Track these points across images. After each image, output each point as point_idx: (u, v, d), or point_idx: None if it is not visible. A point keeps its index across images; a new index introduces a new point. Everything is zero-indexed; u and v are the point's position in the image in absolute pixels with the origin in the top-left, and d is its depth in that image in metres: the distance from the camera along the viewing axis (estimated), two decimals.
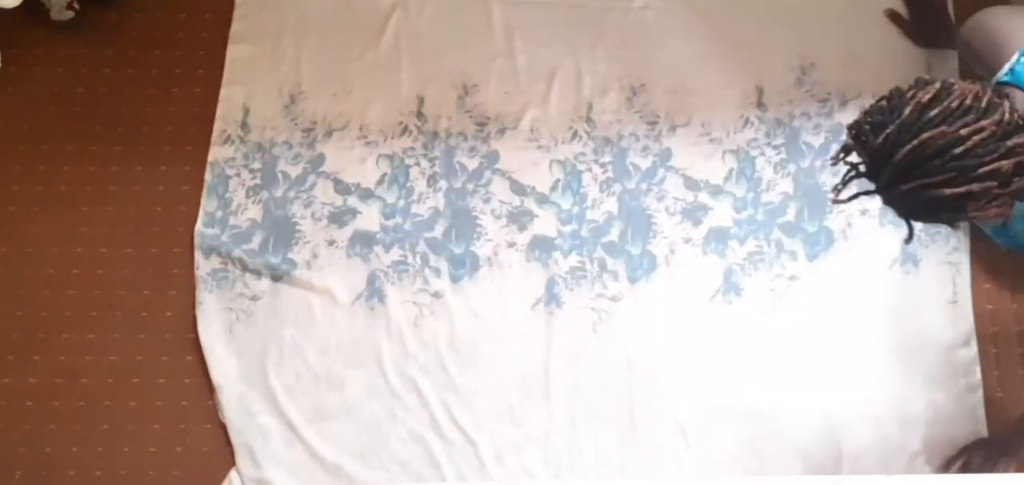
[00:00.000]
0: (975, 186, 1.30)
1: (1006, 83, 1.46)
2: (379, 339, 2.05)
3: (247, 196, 2.19)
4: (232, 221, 2.16)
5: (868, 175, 1.38)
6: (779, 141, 2.15)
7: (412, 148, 2.21)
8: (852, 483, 1.83)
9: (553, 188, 2.16)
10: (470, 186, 2.17)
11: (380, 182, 2.19)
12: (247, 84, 2.29)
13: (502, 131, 2.21)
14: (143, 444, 2.01)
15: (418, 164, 2.20)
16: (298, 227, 2.16)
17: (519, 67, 2.27)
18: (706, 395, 1.98)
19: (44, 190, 2.22)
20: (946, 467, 1.90)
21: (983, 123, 1.31)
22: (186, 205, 2.18)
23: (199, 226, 2.15)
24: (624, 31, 2.27)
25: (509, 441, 1.98)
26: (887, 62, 2.20)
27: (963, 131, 1.29)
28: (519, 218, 2.14)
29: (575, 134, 2.20)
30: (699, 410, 1.97)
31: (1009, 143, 1.31)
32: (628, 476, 1.94)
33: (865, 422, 1.94)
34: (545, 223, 2.13)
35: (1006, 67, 1.45)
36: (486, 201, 2.15)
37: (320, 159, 2.21)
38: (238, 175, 2.21)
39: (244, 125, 2.25)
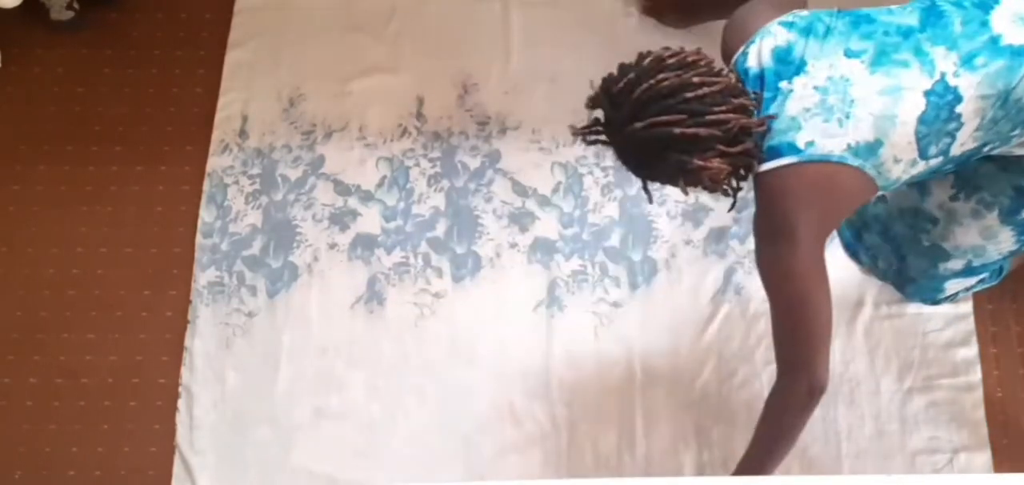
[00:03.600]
0: (702, 130, 1.41)
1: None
2: (379, 341, 2.05)
3: (246, 202, 2.18)
4: (232, 228, 2.16)
5: (607, 121, 1.49)
6: None
7: (411, 149, 2.21)
8: (852, 483, 1.83)
9: (555, 190, 2.16)
10: (472, 185, 2.17)
11: (380, 185, 2.18)
12: (246, 90, 2.28)
13: (503, 131, 2.21)
14: (143, 444, 2.00)
15: (418, 165, 2.20)
16: (299, 229, 2.15)
17: (520, 67, 2.27)
18: (707, 395, 1.98)
19: (44, 190, 2.22)
20: None
21: (713, 78, 1.45)
22: (186, 205, 2.18)
23: (198, 238, 2.15)
24: (627, 32, 2.27)
25: (509, 441, 1.97)
26: None
27: (696, 79, 1.43)
28: (521, 219, 2.14)
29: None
30: (699, 410, 1.97)
31: (736, 101, 1.45)
32: (628, 476, 1.94)
33: (865, 422, 1.94)
34: (547, 225, 2.13)
35: (735, 56, 1.57)
36: (488, 201, 2.15)
37: (320, 161, 2.21)
38: (236, 182, 2.20)
39: (243, 132, 2.25)
